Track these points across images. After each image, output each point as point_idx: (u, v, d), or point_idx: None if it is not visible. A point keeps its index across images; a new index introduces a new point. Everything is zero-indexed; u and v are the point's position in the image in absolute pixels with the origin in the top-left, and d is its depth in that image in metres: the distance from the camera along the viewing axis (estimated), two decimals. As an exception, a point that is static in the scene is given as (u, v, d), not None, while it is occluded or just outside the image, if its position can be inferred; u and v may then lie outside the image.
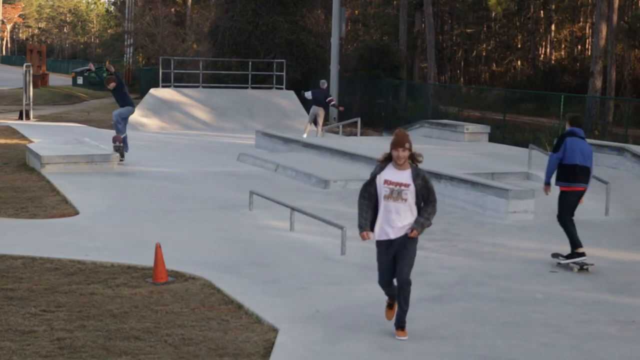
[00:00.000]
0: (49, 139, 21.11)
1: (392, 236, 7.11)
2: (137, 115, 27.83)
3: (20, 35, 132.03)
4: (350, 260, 10.16)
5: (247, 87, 30.98)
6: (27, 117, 29.70)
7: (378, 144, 20.73)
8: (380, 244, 7.25)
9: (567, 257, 10.20)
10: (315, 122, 23.61)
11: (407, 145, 7.00)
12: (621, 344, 7.41)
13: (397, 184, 7.03)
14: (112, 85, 18.09)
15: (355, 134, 25.00)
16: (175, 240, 10.84)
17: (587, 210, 13.77)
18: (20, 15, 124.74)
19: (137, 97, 41.79)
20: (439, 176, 14.66)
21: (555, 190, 10.55)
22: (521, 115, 32.19)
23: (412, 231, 7.03)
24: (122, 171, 16.93)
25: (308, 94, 23.92)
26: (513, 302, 8.60)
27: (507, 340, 7.38)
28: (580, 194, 10.53)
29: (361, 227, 7.17)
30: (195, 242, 11.04)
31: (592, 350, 7.19)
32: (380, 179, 7.08)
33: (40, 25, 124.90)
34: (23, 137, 23.11)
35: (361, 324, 7.68)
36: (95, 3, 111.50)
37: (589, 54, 41.59)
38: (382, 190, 7.07)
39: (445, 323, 7.81)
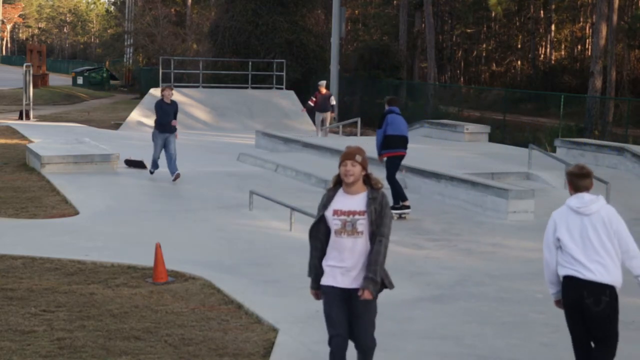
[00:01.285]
0: (49, 139, 21.11)
1: (345, 284, 5.50)
2: (137, 115, 27.84)
3: (20, 35, 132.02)
4: (350, 260, 10.15)
5: (247, 87, 30.97)
6: (27, 117, 29.70)
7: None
8: (328, 292, 5.55)
9: (393, 208, 12.37)
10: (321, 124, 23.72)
11: (357, 158, 5.41)
12: (621, 344, 7.41)
13: (349, 212, 5.42)
14: None
15: (355, 134, 24.99)
16: (175, 240, 10.83)
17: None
18: (20, 15, 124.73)
19: (137, 97, 41.85)
20: (439, 176, 14.67)
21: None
22: (521, 115, 32.17)
23: (362, 292, 5.41)
24: (122, 171, 16.92)
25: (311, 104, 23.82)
26: (513, 302, 8.60)
27: (507, 340, 7.38)
28: (402, 157, 13.27)
29: (312, 280, 5.67)
30: (195, 242, 11.04)
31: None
32: (329, 211, 5.50)
33: (40, 25, 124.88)
34: (23, 137, 23.10)
35: (361, 324, 7.67)
36: (95, 3, 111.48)
37: (589, 54, 41.57)
38: (332, 223, 5.48)
39: (445, 323, 7.81)
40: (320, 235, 5.54)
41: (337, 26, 30.29)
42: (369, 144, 20.27)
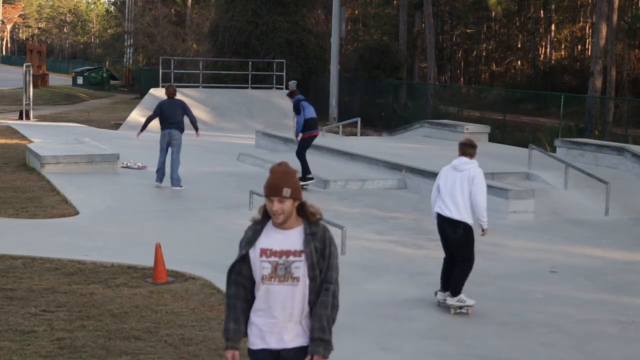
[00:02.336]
0: (49, 139, 21.11)
1: (277, 345, 4.23)
2: (137, 115, 27.84)
3: (20, 35, 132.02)
4: (350, 260, 10.16)
5: (247, 87, 30.98)
6: (27, 117, 29.70)
7: (378, 144, 20.75)
8: (258, 358, 4.29)
9: (300, 179, 13.99)
10: None
11: (285, 192, 4.09)
12: (621, 344, 7.41)
13: (282, 253, 4.17)
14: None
15: (355, 134, 25.00)
16: (175, 240, 10.83)
17: (587, 210, 13.80)
18: (20, 15, 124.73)
19: (137, 97, 41.85)
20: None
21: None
22: (521, 115, 32.16)
23: (311, 358, 4.20)
24: (122, 171, 16.93)
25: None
26: (513, 302, 8.60)
27: (507, 340, 7.38)
28: (315, 137, 15.71)
29: (227, 339, 4.28)
30: (195, 242, 11.04)
31: (592, 350, 7.19)
32: (254, 250, 4.24)
33: (40, 25, 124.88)
34: (23, 137, 23.10)
35: (361, 324, 7.68)
36: (95, 3, 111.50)
37: (589, 54, 41.58)
38: (259, 267, 4.21)
39: (445, 323, 7.81)
40: (242, 281, 4.28)
41: (337, 26, 30.29)
42: (369, 144, 20.38)
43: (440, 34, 50.83)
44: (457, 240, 8.13)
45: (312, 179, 15.41)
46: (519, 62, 52.54)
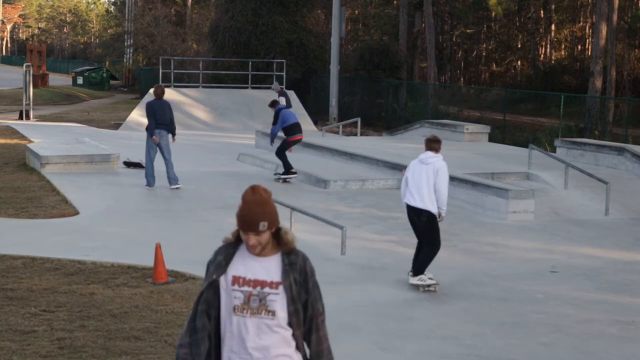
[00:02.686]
0: (49, 139, 21.11)
1: None
2: (137, 115, 27.82)
3: (20, 35, 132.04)
4: (350, 260, 10.16)
5: (247, 87, 30.97)
6: (27, 117, 29.69)
7: (378, 144, 20.75)
8: None
9: (283, 174, 16.22)
10: None
11: (262, 226, 3.62)
12: (621, 344, 7.41)
13: (256, 282, 3.70)
14: None
15: (355, 134, 25.00)
16: (175, 240, 10.83)
17: (587, 210, 13.80)
18: (20, 15, 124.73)
19: (137, 97, 41.85)
20: (439, 176, 14.65)
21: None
22: (521, 115, 32.18)
23: None
24: (122, 171, 16.92)
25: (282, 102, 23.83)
26: (513, 302, 8.60)
27: (507, 340, 7.38)
28: (299, 141, 16.63)
29: None
30: (195, 242, 11.03)
31: (592, 350, 7.19)
32: (226, 277, 3.73)
33: (40, 25, 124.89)
34: (23, 137, 23.10)
35: (361, 324, 7.68)
36: (95, 3, 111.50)
37: (589, 54, 41.58)
38: (229, 297, 3.72)
39: (445, 323, 7.81)
40: (212, 312, 3.75)
41: (337, 26, 30.29)
42: (369, 144, 20.37)
43: (440, 34, 50.83)
44: (422, 227, 9.07)
45: (295, 173, 16.31)
46: (519, 62, 52.55)
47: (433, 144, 9.18)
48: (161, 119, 15.21)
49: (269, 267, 3.71)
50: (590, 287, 9.33)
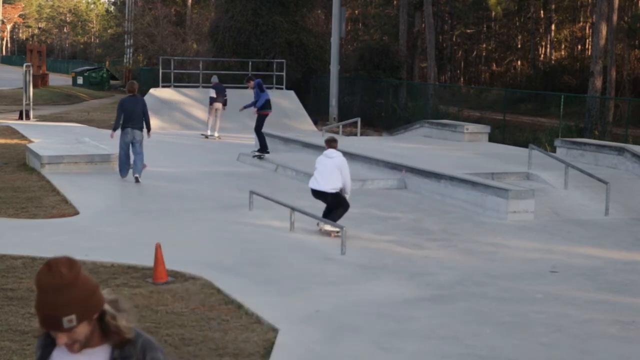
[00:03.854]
0: (49, 139, 21.10)
1: None
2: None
3: (20, 35, 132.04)
4: (350, 260, 10.16)
5: (247, 87, 30.90)
6: (27, 117, 29.69)
7: (378, 144, 20.75)
8: None
9: (258, 151, 18.87)
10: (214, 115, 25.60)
11: (68, 322, 2.68)
12: (621, 344, 7.41)
13: None
14: None
15: (355, 134, 25.00)
16: (175, 240, 10.83)
17: (587, 210, 13.80)
18: (20, 15, 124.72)
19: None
20: (439, 176, 14.67)
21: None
22: (521, 115, 32.20)
23: None
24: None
25: (213, 92, 25.53)
26: (513, 302, 8.60)
27: (507, 340, 7.38)
28: (268, 115, 19.42)
29: None
30: (195, 242, 11.04)
31: (592, 350, 7.19)
32: None
33: (40, 25, 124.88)
34: (23, 137, 23.10)
35: (361, 324, 7.68)
36: (95, 3, 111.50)
37: (589, 54, 41.58)
38: None
39: (445, 323, 7.81)
40: None
41: (337, 26, 30.29)
42: (369, 144, 20.36)
43: (440, 34, 50.84)
44: (331, 202, 11.56)
45: (268, 152, 18.77)
46: (519, 62, 52.57)
47: (332, 144, 11.74)
48: (131, 115, 15.52)
49: None
50: (590, 287, 9.33)
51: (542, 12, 49.10)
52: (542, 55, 50.02)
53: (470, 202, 13.67)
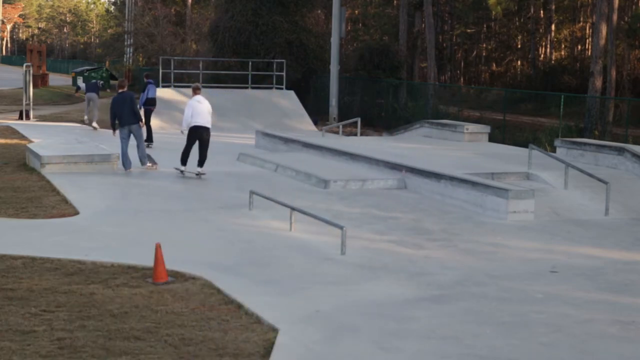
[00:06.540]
0: (49, 139, 21.10)
1: None
2: (137, 115, 27.79)
3: (20, 35, 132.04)
4: (350, 260, 10.16)
5: (247, 87, 30.97)
6: (27, 117, 29.68)
7: (378, 144, 20.75)
8: None
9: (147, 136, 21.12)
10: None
11: None
12: (621, 344, 7.41)
13: None
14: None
15: (355, 134, 25.00)
16: (175, 240, 10.84)
17: (587, 210, 13.80)
18: (20, 15, 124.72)
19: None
20: (439, 176, 14.67)
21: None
22: (521, 115, 32.20)
23: None
24: (122, 171, 16.91)
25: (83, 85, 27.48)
26: (513, 302, 8.60)
27: (507, 340, 7.38)
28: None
29: None
30: (195, 242, 11.04)
31: (592, 350, 7.19)
32: None
33: (40, 25, 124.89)
34: (23, 137, 23.10)
35: (361, 324, 7.68)
36: (95, 3, 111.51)
37: (589, 54, 41.59)
38: None
39: (445, 323, 7.81)
40: None
41: (337, 26, 30.29)
42: (369, 144, 20.37)
43: (440, 34, 50.85)
44: (208, 140, 15.96)
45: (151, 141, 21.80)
46: (519, 62, 52.58)
47: (198, 91, 16.14)
48: (122, 112, 16.70)
49: None
50: (590, 287, 9.33)
51: (542, 12, 49.10)
52: (542, 55, 50.01)
53: (470, 202, 13.67)
